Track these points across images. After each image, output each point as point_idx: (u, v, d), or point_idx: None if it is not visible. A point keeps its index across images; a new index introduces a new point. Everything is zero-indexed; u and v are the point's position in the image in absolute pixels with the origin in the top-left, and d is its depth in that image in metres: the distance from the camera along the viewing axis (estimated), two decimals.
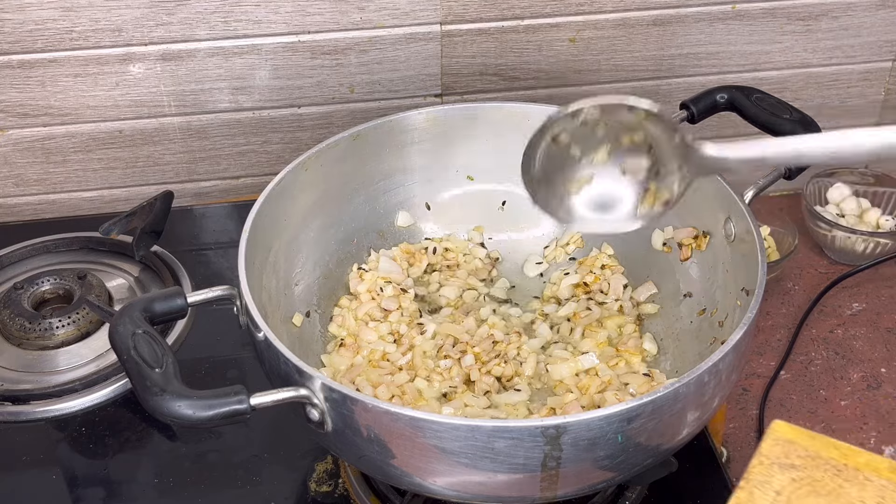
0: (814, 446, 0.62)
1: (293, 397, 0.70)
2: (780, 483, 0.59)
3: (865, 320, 1.07)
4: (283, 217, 0.90)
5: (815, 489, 0.59)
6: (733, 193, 0.86)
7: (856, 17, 1.18)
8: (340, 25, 1.11)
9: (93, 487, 0.88)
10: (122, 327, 0.72)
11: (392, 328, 0.91)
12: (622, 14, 1.15)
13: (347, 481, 0.87)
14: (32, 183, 1.18)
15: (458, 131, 0.99)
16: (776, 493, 0.58)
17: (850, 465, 0.60)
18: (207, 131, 1.17)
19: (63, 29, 1.07)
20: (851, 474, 0.60)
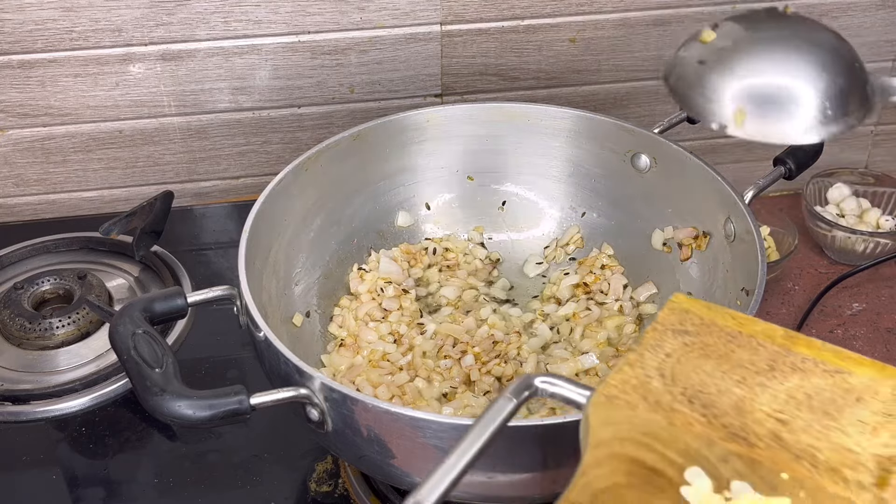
0: (710, 315, 0.62)
1: (293, 397, 0.70)
2: (671, 346, 0.60)
3: (865, 320, 1.07)
4: (283, 217, 0.90)
5: (706, 352, 0.59)
6: (733, 193, 0.86)
7: (856, 18, 1.18)
8: (340, 25, 1.11)
9: (93, 487, 0.88)
10: (122, 327, 0.72)
11: (392, 328, 0.91)
12: (622, 14, 1.15)
13: (347, 481, 0.87)
14: (32, 183, 1.18)
15: (458, 131, 0.99)
16: (666, 356, 0.59)
17: (744, 332, 0.61)
18: (207, 131, 1.17)
19: (63, 29, 1.07)
20: (745, 340, 0.60)
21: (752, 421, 0.55)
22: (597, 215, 1.00)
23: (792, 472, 0.52)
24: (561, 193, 1.01)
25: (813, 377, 0.58)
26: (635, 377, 0.58)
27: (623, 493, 0.51)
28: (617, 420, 0.55)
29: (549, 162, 1.00)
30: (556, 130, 0.98)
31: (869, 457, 0.53)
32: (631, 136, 0.95)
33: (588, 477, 0.52)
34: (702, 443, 0.54)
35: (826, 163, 1.05)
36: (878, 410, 0.56)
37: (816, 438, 0.54)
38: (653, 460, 0.53)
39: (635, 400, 0.56)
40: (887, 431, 0.54)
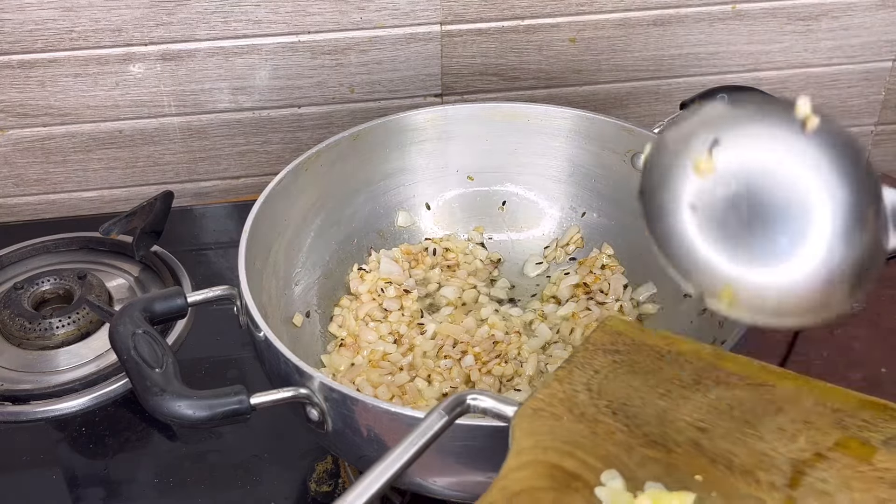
0: (641, 336, 0.64)
1: (293, 397, 0.70)
2: (600, 364, 0.62)
3: (866, 321, 1.07)
4: (283, 217, 0.90)
5: (634, 369, 0.62)
6: None
7: (856, 17, 1.18)
8: (340, 25, 1.11)
9: (93, 487, 0.88)
10: (122, 327, 0.72)
11: (392, 328, 0.91)
12: (622, 14, 1.15)
13: (347, 481, 0.87)
14: (32, 183, 1.18)
15: (458, 131, 0.99)
16: (594, 372, 0.61)
17: (673, 350, 0.63)
18: (207, 131, 1.17)
19: (63, 29, 1.07)
20: (673, 358, 0.62)
21: (672, 430, 0.57)
22: (597, 215, 1.00)
23: (706, 474, 0.54)
24: (561, 193, 1.01)
25: (736, 389, 0.60)
26: (562, 391, 0.60)
27: (539, 496, 0.53)
28: (540, 430, 0.57)
29: (549, 162, 1.00)
30: (556, 130, 0.98)
31: (784, 460, 0.55)
32: (631, 136, 0.95)
33: (507, 481, 0.54)
34: (621, 449, 0.56)
35: None
36: (797, 419, 0.57)
37: (733, 444, 0.56)
38: (572, 466, 0.55)
39: (560, 412, 0.58)
40: (804, 437, 0.56)
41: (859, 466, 0.55)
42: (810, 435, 0.56)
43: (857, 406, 0.59)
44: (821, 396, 0.59)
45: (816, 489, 0.53)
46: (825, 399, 0.59)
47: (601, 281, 0.96)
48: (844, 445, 0.56)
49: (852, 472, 0.54)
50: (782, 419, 0.58)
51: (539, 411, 0.59)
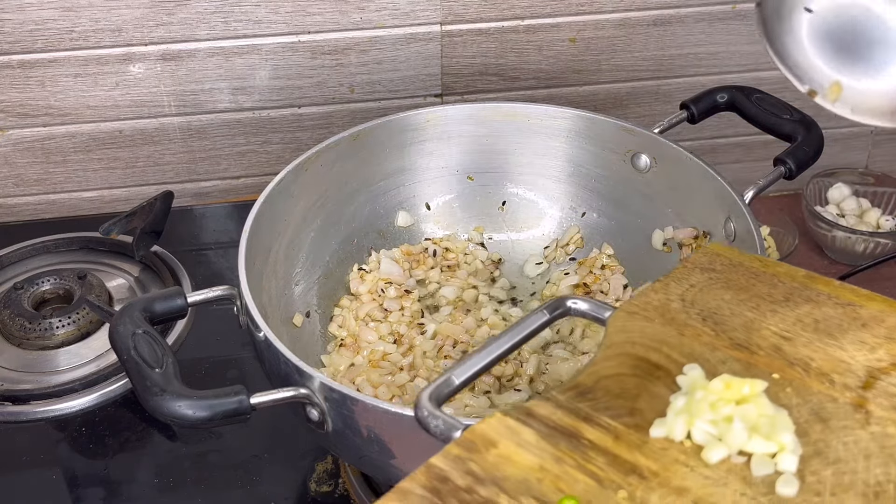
0: (738, 258, 0.69)
1: (293, 397, 0.70)
2: (696, 279, 0.67)
3: None
4: (283, 217, 0.90)
5: (728, 286, 0.66)
6: (733, 193, 0.86)
7: None
8: (340, 25, 1.11)
9: (93, 487, 0.88)
10: (122, 327, 0.72)
11: (392, 328, 0.91)
12: (622, 14, 1.15)
13: (347, 481, 0.87)
14: (32, 183, 1.18)
15: (458, 131, 0.99)
16: (690, 286, 0.66)
17: (768, 271, 0.67)
18: (207, 131, 1.17)
19: (63, 29, 1.07)
20: (767, 278, 0.67)
21: (757, 336, 0.61)
22: (597, 215, 1.00)
23: (783, 374, 0.58)
24: (561, 193, 1.01)
25: (824, 307, 0.63)
26: (657, 300, 0.64)
27: (625, 380, 0.57)
28: (632, 329, 0.62)
29: (549, 162, 1.00)
30: (556, 130, 0.98)
31: (860, 367, 0.58)
32: (631, 136, 0.95)
33: (596, 367, 0.59)
34: (706, 348, 0.60)
35: (826, 163, 1.05)
36: (880, 335, 0.61)
37: (814, 351, 0.60)
38: (658, 358, 0.59)
39: (653, 316, 0.63)
40: (884, 350, 0.60)
41: None
42: (890, 348, 0.60)
43: None
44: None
45: (888, 392, 0.56)
46: None
47: (601, 281, 0.96)
48: None
49: None
50: (865, 334, 0.61)
51: (633, 314, 0.63)
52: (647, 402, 0.56)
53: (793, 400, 0.56)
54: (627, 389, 0.57)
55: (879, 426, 0.54)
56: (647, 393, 0.56)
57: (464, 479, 0.51)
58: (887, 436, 0.53)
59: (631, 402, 0.56)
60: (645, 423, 0.54)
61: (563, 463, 0.52)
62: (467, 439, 0.53)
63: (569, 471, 0.52)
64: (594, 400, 0.56)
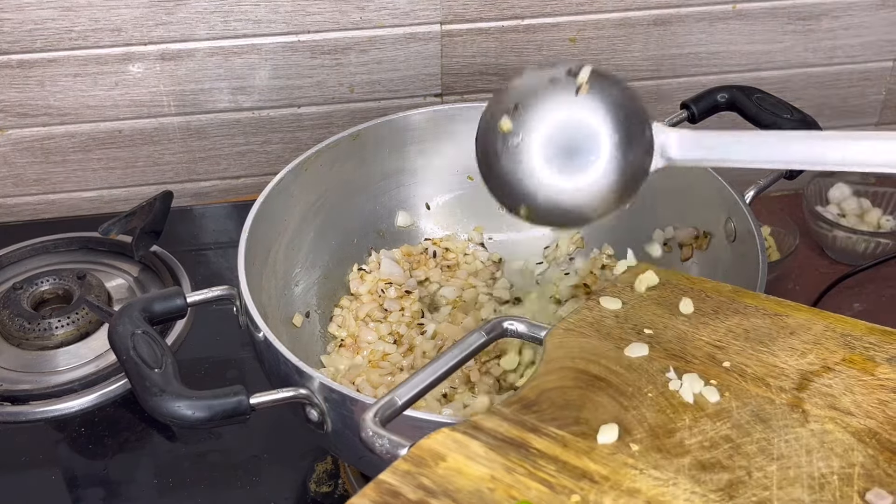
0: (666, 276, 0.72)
1: (293, 397, 0.70)
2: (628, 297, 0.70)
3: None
4: (283, 217, 0.89)
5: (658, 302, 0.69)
6: (734, 193, 0.86)
7: (856, 17, 1.18)
8: (340, 25, 1.11)
9: (92, 487, 0.88)
10: (122, 327, 0.72)
11: (392, 328, 0.91)
12: (622, 14, 1.15)
13: (347, 481, 0.87)
14: (32, 183, 1.18)
15: (458, 131, 0.99)
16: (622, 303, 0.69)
17: (696, 288, 0.71)
18: (207, 131, 1.17)
19: (62, 28, 1.07)
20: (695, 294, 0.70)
21: (691, 347, 0.64)
22: None
23: (720, 380, 0.61)
24: None
25: (753, 318, 0.67)
26: (591, 317, 0.67)
27: (568, 392, 0.60)
28: (570, 345, 0.64)
29: None
30: None
31: (793, 371, 0.61)
32: None
33: (538, 381, 0.61)
34: (643, 359, 0.63)
35: None
36: (808, 340, 0.64)
37: (747, 358, 0.63)
38: (597, 370, 0.62)
39: (589, 332, 0.66)
40: (814, 354, 0.63)
41: (863, 377, 0.61)
42: (819, 352, 0.63)
43: (865, 332, 0.65)
44: (830, 324, 0.66)
45: (821, 392, 0.59)
46: (835, 325, 0.65)
47: (601, 281, 0.96)
48: (850, 361, 0.62)
49: (856, 381, 0.60)
50: (794, 341, 0.64)
51: (569, 331, 0.66)
52: (592, 411, 0.58)
53: (732, 403, 0.59)
54: (571, 400, 0.59)
55: (818, 423, 0.57)
56: (590, 402, 0.58)
57: (415, 492, 0.52)
58: (826, 432, 0.56)
59: (576, 411, 0.58)
60: (591, 430, 0.56)
61: (513, 472, 0.53)
62: (415, 455, 0.54)
63: (520, 479, 0.53)
64: (539, 412, 0.58)
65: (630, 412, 0.58)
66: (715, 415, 0.58)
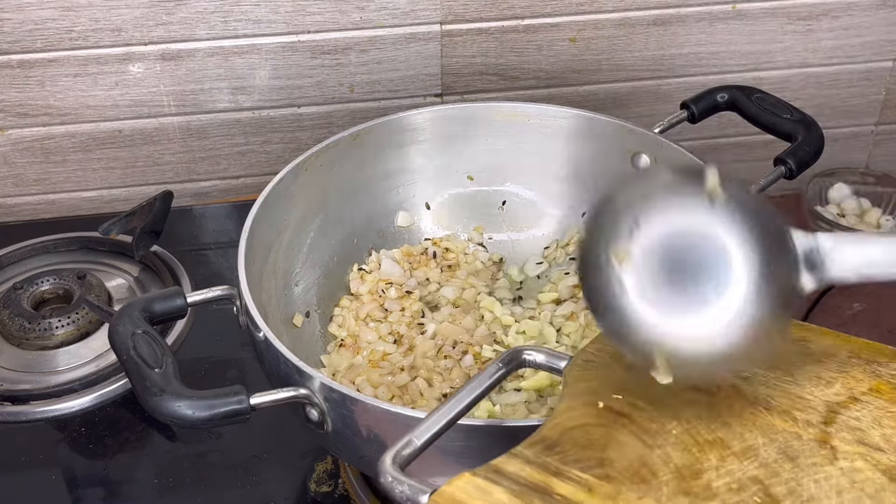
0: None
1: (293, 397, 0.70)
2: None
3: (866, 320, 1.07)
4: (283, 217, 0.90)
5: None
6: None
7: (856, 17, 1.18)
8: (340, 25, 1.11)
9: (93, 487, 0.88)
10: (122, 327, 0.72)
11: (392, 328, 0.91)
12: (622, 14, 1.15)
13: (347, 481, 0.87)
14: (32, 183, 1.18)
15: (458, 131, 0.99)
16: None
17: None
18: (207, 131, 1.17)
19: (62, 28, 1.07)
20: None
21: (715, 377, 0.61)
22: None
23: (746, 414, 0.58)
24: (561, 193, 1.01)
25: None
26: (611, 346, 0.63)
27: (590, 430, 0.57)
28: (591, 377, 0.62)
29: (549, 162, 1.00)
30: (556, 130, 0.98)
31: (820, 402, 0.59)
32: (631, 136, 0.95)
33: (560, 419, 0.58)
34: (667, 392, 0.59)
35: (827, 163, 1.05)
36: (833, 369, 0.62)
37: (773, 389, 0.60)
38: (620, 406, 0.59)
39: (609, 362, 0.63)
40: (840, 384, 0.60)
41: (891, 408, 0.58)
42: (845, 381, 0.60)
43: (891, 357, 0.62)
44: (855, 349, 0.63)
45: (849, 426, 0.57)
46: (860, 352, 0.63)
47: None
48: (877, 390, 0.60)
49: (884, 413, 0.58)
50: (819, 369, 0.61)
51: (589, 362, 0.63)
52: (616, 451, 0.55)
53: (759, 440, 0.56)
54: (594, 440, 0.56)
55: (847, 461, 0.55)
56: (614, 442, 0.56)
57: None
58: (856, 470, 0.54)
59: (599, 452, 0.55)
60: (616, 473, 0.54)
61: None
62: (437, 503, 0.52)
63: None
64: (562, 453, 0.55)
65: (655, 451, 0.56)
66: (742, 453, 0.55)
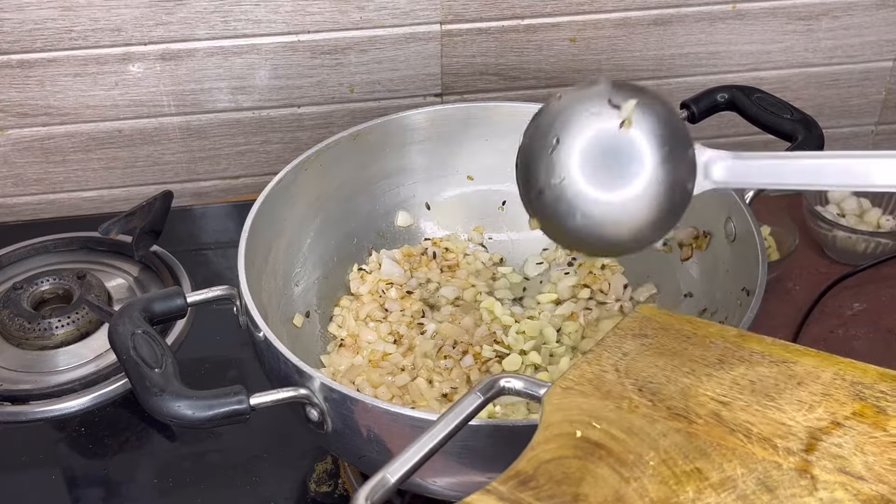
0: (668, 321, 0.68)
1: (293, 397, 0.70)
2: (629, 347, 0.65)
3: (866, 320, 1.07)
4: (283, 217, 0.90)
5: (661, 351, 0.65)
6: (734, 193, 0.86)
7: (856, 17, 1.18)
8: (340, 25, 1.11)
9: (93, 487, 0.88)
10: (122, 327, 0.72)
11: (392, 328, 0.91)
12: (622, 14, 1.15)
13: (347, 481, 0.87)
14: (32, 183, 1.18)
15: (458, 131, 0.99)
16: (623, 355, 0.65)
17: (699, 333, 0.66)
18: (207, 131, 1.17)
19: (62, 28, 1.07)
20: (699, 340, 0.66)
21: (694, 403, 0.60)
22: None
23: (725, 442, 0.57)
24: None
25: (759, 367, 0.63)
26: (591, 371, 0.63)
27: (566, 463, 0.56)
28: (568, 407, 0.61)
29: None
30: None
31: (801, 429, 0.58)
32: None
33: (536, 451, 0.57)
34: (645, 421, 0.59)
35: None
36: (816, 391, 0.61)
37: (753, 415, 0.59)
38: (597, 437, 0.58)
39: (588, 390, 0.62)
40: (822, 407, 0.59)
41: (874, 433, 0.57)
42: (828, 405, 0.59)
43: (876, 378, 0.62)
44: (840, 370, 0.62)
45: (831, 453, 0.56)
46: (844, 372, 0.62)
47: (601, 281, 0.96)
48: (860, 414, 0.59)
49: (867, 438, 0.57)
50: (802, 392, 0.60)
51: (568, 390, 0.62)
52: (591, 485, 0.54)
53: (738, 470, 0.55)
54: (570, 473, 0.55)
55: (827, 491, 0.53)
56: (590, 475, 0.55)
57: None
58: (836, 501, 0.53)
59: (574, 486, 0.54)
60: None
61: None
62: None
63: None
64: (536, 489, 0.54)
65: (631, 484, 0.54)
66: (719, 484, 0.54)
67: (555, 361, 0.88)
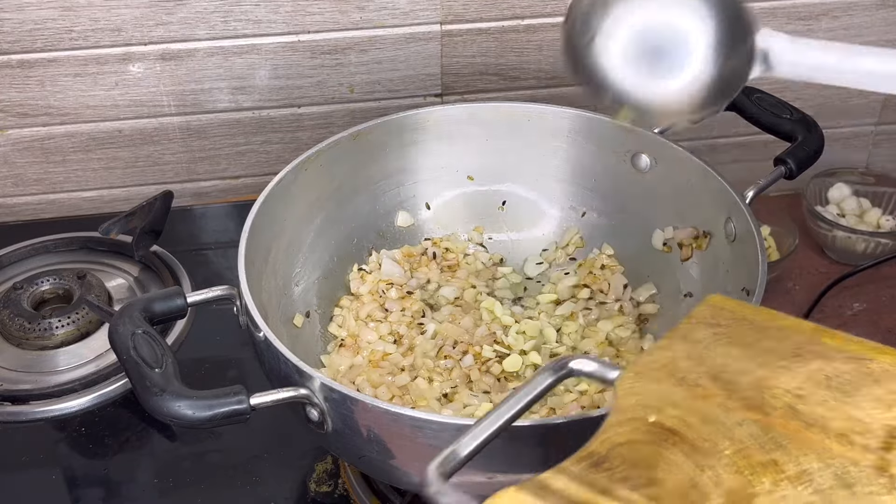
0: (742, 311, 0.66)
1: (293, 397, 0.70)
2: (701, 335, 0.64)
3: (866, 320, 1.07)
4: (283, 217, 0.90)
5: (734, 341, 0.63)
6: (734, 193, 0.86)
7: (856, 17, 1.18)
8: (340, 25, 1.11)
9: (93, 487, 0.88)
10: (122, 327, 0.72)
11: (392, 328, 0.91)
12: None
13: (347, 481, 0.87)
14: (32, 183, 1.18)
15: (458, 131, 0.99)
16: (696, 342, 0.63)
17: (774, 325, 0.65)
18: (207, 131, 1.17)
19: (62, 28, 1.07)
20: (773, 332, 0.64)
21: (769, 395, 0.59)
22: (597, 215, 1.00)
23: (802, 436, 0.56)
24: (561, 193, 1.01)
25: (835, 362, 0.61)
26: (664, 358, 0.62)
27: (640, 447, 0.55)
28: (641, 391, 0.60)
29: (549, 162, 1.00)
30: (556, 130, 0.98)
31: (879, 426, 0.56)
32: (631, 136, 0.95)
33: (609, 433, 0.56)
34: (719, 410, 0.58)
35: (826, 162, 1.05)
36: (893, 390, 0.59)
37: (830, 410, 0.57)
38: (671, 423, 0.57)
39: (661, 377, 0.60)
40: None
41: None
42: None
43: None
44: None
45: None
46: None
47: (601, 281, 0.96)
48: None
49: None
50: (879, 390, 0.59)
51: (640, 375, 0.61)
52: (666, 470, 0.54)
53: (814, 464, 0.54)
54: (644, 457, 0.55)
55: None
56: (663, 461, 0.54)
57: None
58: None
59: (649, 470, 0.54)
60: (665, 494, 0.52)
61: None
62: None
63: None
64: (610, 470, 0.54)
65: (706, 472, 0.54)
66: (796, 477, 0.53)
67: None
